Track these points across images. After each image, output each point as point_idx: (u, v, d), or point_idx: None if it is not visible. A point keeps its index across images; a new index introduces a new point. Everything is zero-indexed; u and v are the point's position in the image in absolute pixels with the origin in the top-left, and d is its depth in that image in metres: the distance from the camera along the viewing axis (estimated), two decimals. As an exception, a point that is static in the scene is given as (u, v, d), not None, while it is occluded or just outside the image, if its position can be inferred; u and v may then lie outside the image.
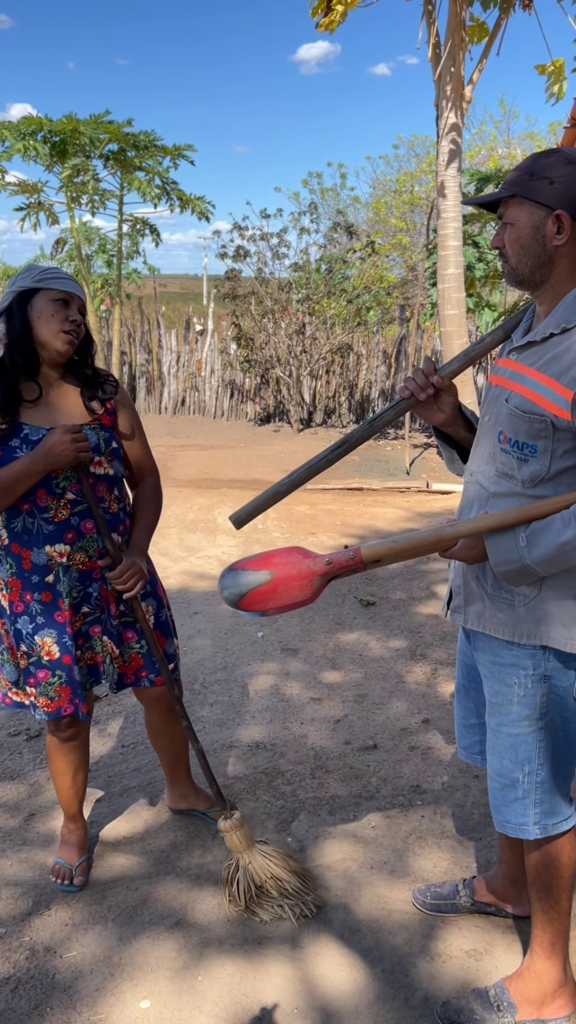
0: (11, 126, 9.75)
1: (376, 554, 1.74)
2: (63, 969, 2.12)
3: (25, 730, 3.26)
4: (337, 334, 11.03)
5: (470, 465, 1.87)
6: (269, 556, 1.80)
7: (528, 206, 1.65)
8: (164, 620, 2.40)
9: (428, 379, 1.86)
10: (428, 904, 2.28)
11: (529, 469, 1.69)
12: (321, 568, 1.75)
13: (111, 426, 2.23)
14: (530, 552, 1.63)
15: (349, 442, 1.95)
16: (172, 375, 12.14)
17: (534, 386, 1.67)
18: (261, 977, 2.09)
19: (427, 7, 7.27)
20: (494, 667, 1.83)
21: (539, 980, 1.95)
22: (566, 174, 1.61)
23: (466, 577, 1.85)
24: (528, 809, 1.85)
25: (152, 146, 10.25)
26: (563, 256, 1.66)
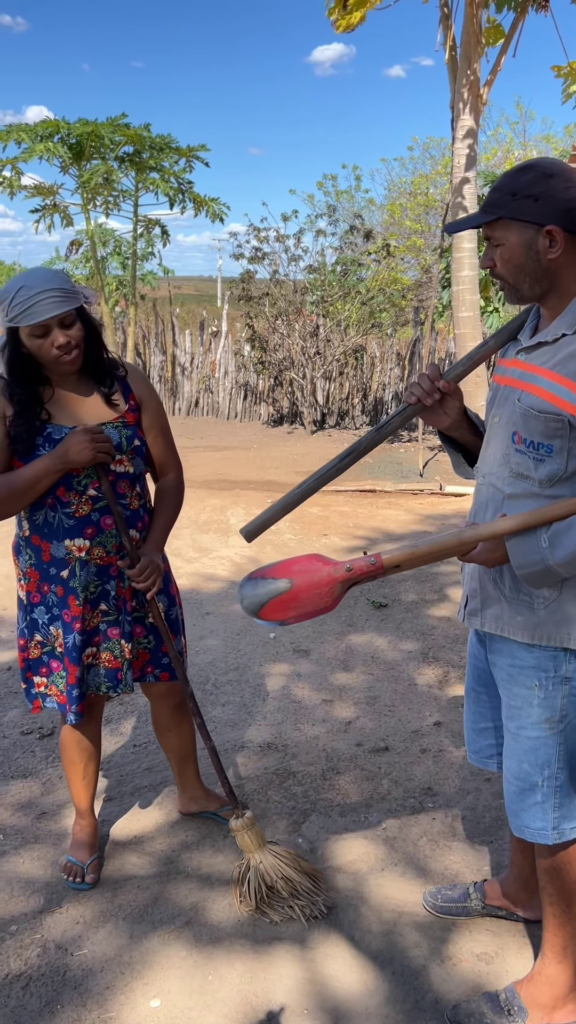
0: (29, 128, 9.82)
1: (396, 559, 1.73)
2: (74, 967, 2.13)
3: (38, 728, 3.27)
4: (351, 336, 11.03)
5: (481, 467, 1.86)
6: (288, 564, 1.79)
7: (516, 226, 1.64)
8: (174, 618, 2.41)
9: (434, 384, 1.85)
10: (439, 907, 2.27)
11: (546, 469, 1.69)
12: (342, 575, 1.74)
13: (135, 423, 2.23)
14: (553, 553, 1.61)
15: (357, 450, 1.94)
16: (186, 377, 12.17)
17: (548, 386, 1.66)
18: (271, 977, 2.10)
19: (443, 10, 7.27)
20: (513, 670, 1.82)
21: (550, 985, 1.94)
22: (548, 188, 1.61)
23: (483, 580, 1.84)
24: (547, 814, 1.83)
25: (167, 148, 10.29)
26: (561, 266, 1.66)
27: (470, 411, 1.96)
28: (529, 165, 1.66)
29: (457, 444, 2.01)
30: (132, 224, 11.26)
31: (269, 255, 11.07)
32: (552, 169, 1.63)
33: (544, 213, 1.61)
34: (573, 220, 1.61)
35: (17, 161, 9.89)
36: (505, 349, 1.89)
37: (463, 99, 7.20)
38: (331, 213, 11.32)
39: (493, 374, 1.90)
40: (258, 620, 1.79)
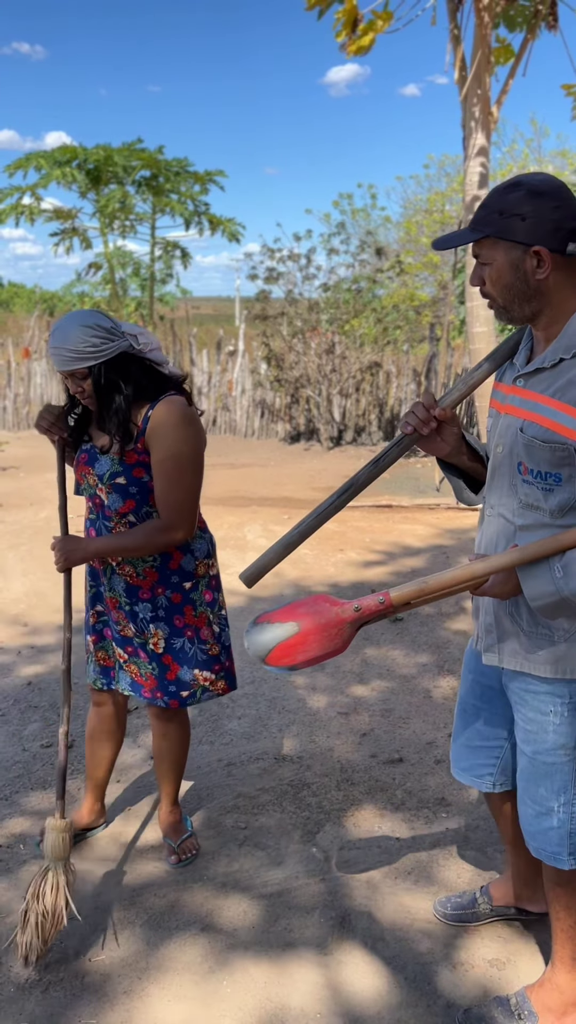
0: (47, 155, 10.03)
1: (405, 596, 1.68)
2: (92, 972, 2.18)
3: (57, 741, 3.33)
4: (367, 353, 11.11)
5: (489, 498, 1.82)
6: (295, 607, 1.74)
7: (503, 245, 1.61)
8: (180, 648, 2.42)
9: (429, 412, 1.80)
10: (449, 915, 2.29)
11: (556, 499, 1.66)
12: (350, 615, 1.69)
13: (133, 463, 2.29)
14: (567, 583, 1.57)
15: (355, 485, 1.90)
16: (203, 395, 12.29)
17: (551, 414, 1.63)
18: (285, 983, 2.13)
19: (453, 31, 7.38)
20: (527, 695, 1.80)
21: (560, 991, 1.96)
22: (536, 208, 1.57)
23: (498, 615, 1.80)
24: (564, 840, 1.82)
25: (184, 172, 10.47)
26: (550, 287, 1.63)
27: (468, 436, 1.92)
28: (518, 182, 1.62)
29: (458, 470, 1.97)
30: (149, 246, 11.44)
31: (283, 275, 11.20)
32: (541, 187, 1.59)
33: (532, 233, 1.58)
34: (562, 240, 1.58)
35: (36, 188, 10.11)
36: (501, 372, 1.85)
37: (474, 118, 7.29)
38: (342, 230, 11.45)
39: (492, 398, 1.86)
40: (267, 666, 1.74)
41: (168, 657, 2.42)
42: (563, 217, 1.58)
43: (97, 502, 2.36)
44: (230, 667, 2.54)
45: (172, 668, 2.42)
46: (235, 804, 2.89)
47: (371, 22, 7.05)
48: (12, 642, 4.36)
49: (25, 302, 31.51)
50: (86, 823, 2.72)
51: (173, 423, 2.25)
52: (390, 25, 7.06)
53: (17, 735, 3.40)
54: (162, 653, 2.41)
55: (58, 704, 3.63)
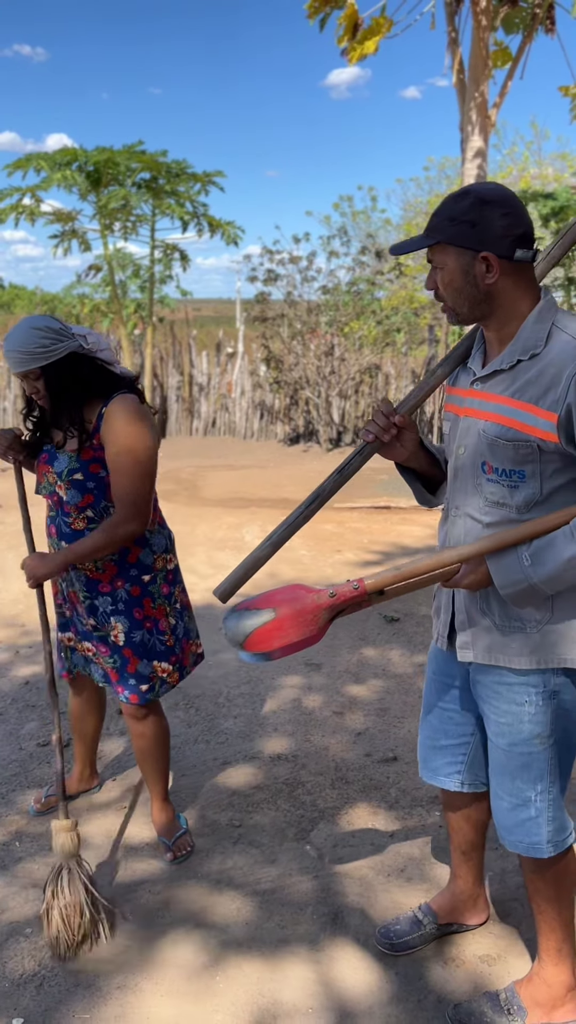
0: (48, 157, 10.06)
1: (379, 583, 1.73)
2: (86, 968, 2.19)
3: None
4: (366, 355, 11.14)
5: (453, 499, 1.86)
6: (271, 595, 1.78)
7: (454, 250, 1.67)
8: (139, 641, 2.48)
9: (389, 420, 1.85)
10: (396, 945, 2.20)
11: (522, 494, 1.71)
12: (326, 601, 1.73)
13: (89, 459, 2.37)
14: (536, 571, 1.64)
15: (322, 495, 1.93)
16: (203, 397, 12.32)
17: (512, 413, 1.68)
18: (278, 978, 2.15)
19: (451, 35, 7.41)
20: (502, 687, 1.82)
21: (548, 985, 1.98)
22: (484, 215, 1.63)
23: (470, 612, 1.84)
24: (541, 828, 1.85)
25: (183, 174, 10.50)
26: (499, 291, 1.69)
27: (426, 440, 1.98)
28: (467, 191, 1.68)
29: (415, 473, 2.02)
30: (149, 248, 11.47)
31: (283, 277, 11.23)
32: (489, 196, 1.65)
33: (480, 239, 1.64)
34: (509, 247, 1.64)
35: (37, 189, 10.13)
36: (454, 377, 1.90)
37: (471, 121, 7.32)
38: (343, 234, 11.48)
39: (447, 404, 1.92)
40: (243, 654, 1.77)
41: (128, 650, 2.48)
42: (510, 224, 1.64)
43: (56, 499, 2.44)
44: (183, 659, 2.61)
45: (132, 661, 2.49)
46: (230, 802, 2.91)
47: (372, 27, 7.08)
48: (10, 642, 4.38)
49: (26, 304, 31.55)
50: (77, 788, 2.94)
51: (126, 419, 2.32)
52: (390, 30, 7.09)
53: (14, 734, 3.42)
54: (123, 646, 2.48)
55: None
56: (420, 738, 2.14)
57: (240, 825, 2.78)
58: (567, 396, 1.60)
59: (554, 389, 1.62)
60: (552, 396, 1.63)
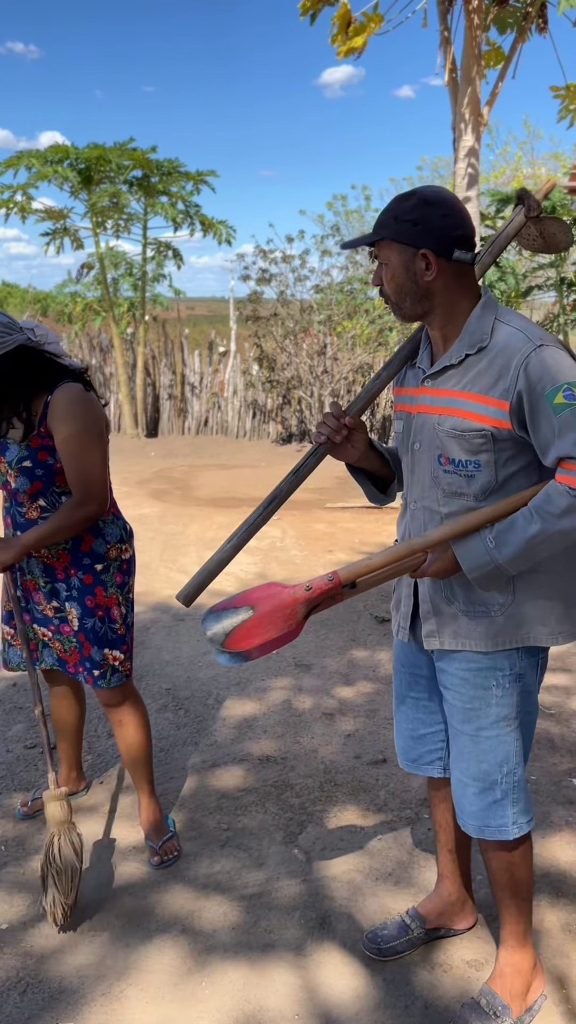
0: (38, 154, 10.01)
1: (353, 574, 1.77)
2: (70, 974, 2.17)
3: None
4: (358, 354, 11.12)
5: (411, 494, 1.93)
6: (247, 594, 1.80)
7: (397, 247, 1.75)
8: (91, 628, 2.51)
9: (340, 421, 1.91)
10: (384, 950, 2.19)
11: (478, 483, 1.78)
12: (302, 595, 1.75)
13: (38, 447, 2.41)
14: (500, 552, 1.72)
15: (279, 495, 1.98)
16: (195, 396, 12.29)
17: (465, 405, 1.76)
18: (264, 984, 2.13)
19: (443, 33, 7.39)
20: (469, 673, 1.87)
21: (520, 973, 2.01)
22: (425, 215, 1.72)
23: (435, 601, 1.89)
24: (506, 810, 1.90)
25: (175, 172, 10.46)
26: (439, 288, 1.77)
27: (375, 441, 2.05)
28: (412, 192, 1.76)
29: (365, 474, 2.09)
30: (141, 246, 11.43)
31: (276, 276, 11.20)
32: (432, 197, 1.74)
33: (420, 237, 1.72)
34: (448, 246, 1.73)
35: (27, 187, 10.08)
36: (402, 378, 1.98)
37: (464, 119, 7.31)
38: (336, 233, 11.45)
39: (397, 404, 1.99)
40: (221, 656, 1.76)
41: (82, 635, 2.52)
42: (449, 225, 1.73)
43: (9, 488, 2.49)
44: (131, 649, 2.64)
45: (85, 646, 2.53)
46: (218, 805, 2.89)
47: (362, 24, 7.07)
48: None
49: (19, 302, 31.41)
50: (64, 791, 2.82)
51: (69, 404, 2.39)
52: (380, 27, 7.08)
53: (1, 736, 3.39)
54: (76, 631, 2.53)
55: (42, 705, 3.62)
56: (397, 730, 2.18)
57: (228, 828, 2.76)
58: (517, 383, 1.69)
59: (504, 378, 1.71)
60: (503, 385, 1.71)
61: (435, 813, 2.22)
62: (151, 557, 5.75)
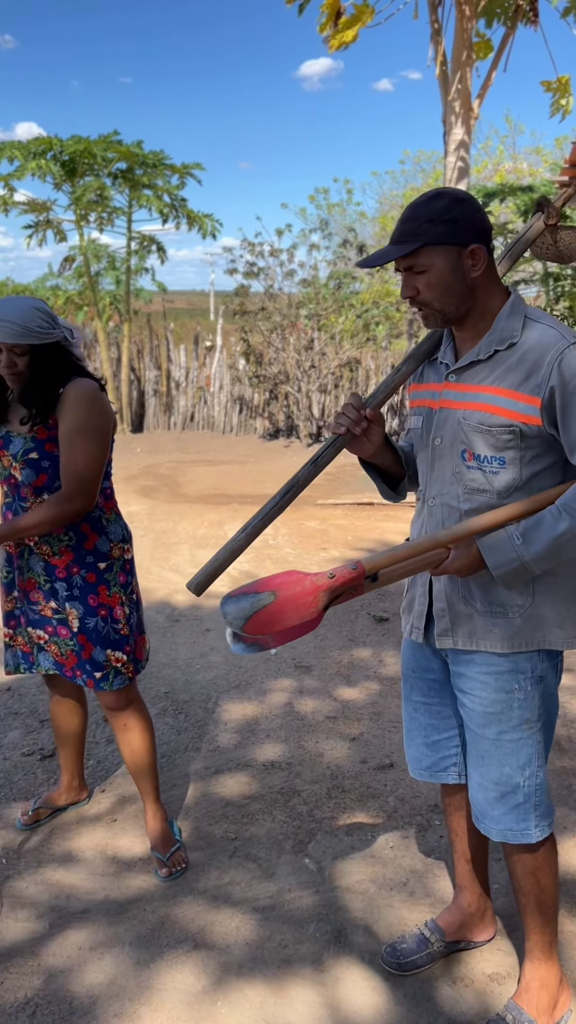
0: (21, 146, 9.86)
1: (376, 565, 1.73)
2: (81, 994, 2.10)
3: (39, 750, 3.24)
4: (346, 349, 11.06)
5: (430, 490, 1.90)
6: (269, 579, 1.75)
7: (440, 249, 1.71)
8: (93, 628, 2.47)
9: (360, 413, 1.89)
10: (403, 964, 2.13)
11: (502, 480, 1.75)
12: (324, 583, 1.70)
13: (44, 439, 2.38)
14: (528, 549, 1.68)
15: (296, 484, 1.95)
16: (181, 391, 12.18)
17: (494, 400, 1.73)
18: (282, 1002, 2.07)
19: (434, 26, 7.33)
20: (489, 677, 1.84)
21: (546, 987, 1.96)
22: (464, 211, 1.70)
23: (451, 600, 1.86)
24: (529, 813, 1.87)
25: (160, 165, 10.34)
26: (480, 284, 1.76)
27: (389, 437, 2.02)
28: (440, 193, 1.73)
29: (378, 470, 2.06)
30: (126, 240, 11.30)
31: (264, 270, 11.11)
32: (462, 195, 1.73)
33: (466, 234, 1.70)
34: (487, 239, 1.73)
35: (10, 179, 9.92)
36: (420, 374, 1.96)
37: (454, 112, 7.26)
38: (324, 227, 11.38)
39: (416, 400, 1.96)
40: (237, 645, 1.72)
41: (83, 636, 2.47)
42: (483, 219, 1.74)
43: (13, 482, 2.44)
44: (137, 652, 2.57)
45: (87, 648, 2.47)
46: (224, 813, 2.82)
47: (354, 16, 6.99)
48: (-10, 646, 4.26)
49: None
50: (66, 800, 2.84)
51: (80, 398, 2.37)
52: (372, 19, 7.01)
53: (-3, 743, 3.31)
54: (77, 632, 2.47)
55: (39, 711, 3.54)
56: (408, 738, 2.13)
57: (235, 837, 2.70)
58: (550, 379, 1.67)
59: (535, 374, 1.69)
60: (534, 380, 1.69)
61: (450, 821, 2.18)
62: (142, 556, 5.66)
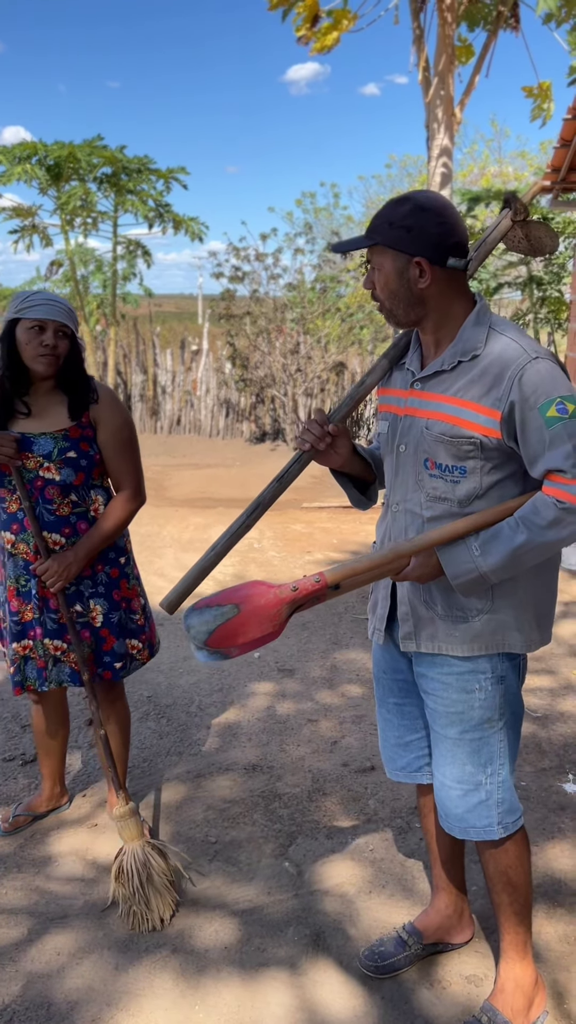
0: (6, 151, 9.85)
1: (338, 576, 1.75)
2: (59, 1000, 2.10)
3: (20, 755, 3.23)
4: (331, 353, 11.09)
5: (393, 496, 1.92)
6: (233, 591, 1.78)
7: (391, 253, 1.73)
8: (116, 621, 2.53)
9: (324, 429, 1.91)
10: (381, 967, 2.13)
11: (463, 489, 1.77)
12: (287, 595, 1.74)
13: (77, 438, 2.40)
14: (485, 560, 1.71)
15: (262, 503, 1.98)
16: (168, 395, 12.17)
17: (455, 411, 1.74)
18: (259, 1006, 2.07)
19: (416, 31, 7.37)
20: (450, 677, 1.86)
21: (521, 988, 1.97)
22: (420, 221, 1.70)
23: (413, 604, 1.88)
24: (491, 811, 1.90)
25: (145, 170, 10.35)
26: (432, 295, 1.75)
27: (359, 446, 2.05)
28: (407, 197, 1.74)
29: (349, 478, 2.08)
30: (112, 244, 11.30)
31: (249, 274, 11.13)
32: (427, 204, 1.71)
33: (415, 245, 1.70)
34: (443, 254, 1.71)
35: (-5, 183, 9.91)
36: (388, 379, 1.97)
37: (437, 119, 7.29)
38: (308, 231, 11.41)
39: (383, 404, 1.97)
40: (200, 652, 1.74)
41: (105, 630, 2.52)
42: (444, 232, 1.71)
43: (39, 484, 2.40)
44: (151, 637, 2.67)
45: (108, 640, 2.52)
46: (205, 817, 2.82)
47: (335, 20, 7.02)
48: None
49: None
50: (47, 807, 2.85)
51: (116, 399, 2.49)
52: (354, 25, 7.04)
53: (-22, 749, 3.29)
54: (100, 627, 2.51)
55: (20, 715, 3.53)
56: (383, 739, 2.15)
57: (216, 841, 2.70)
58: (510, 394, 1.68)
59: (497, 388, 1.70)
60: (495, 394, 1.70)
61: (426, 822, 2.19)
62: (127, 560, 5.65)
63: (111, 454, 2.44)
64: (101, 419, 2.42)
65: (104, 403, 2.44)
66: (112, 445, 2.43)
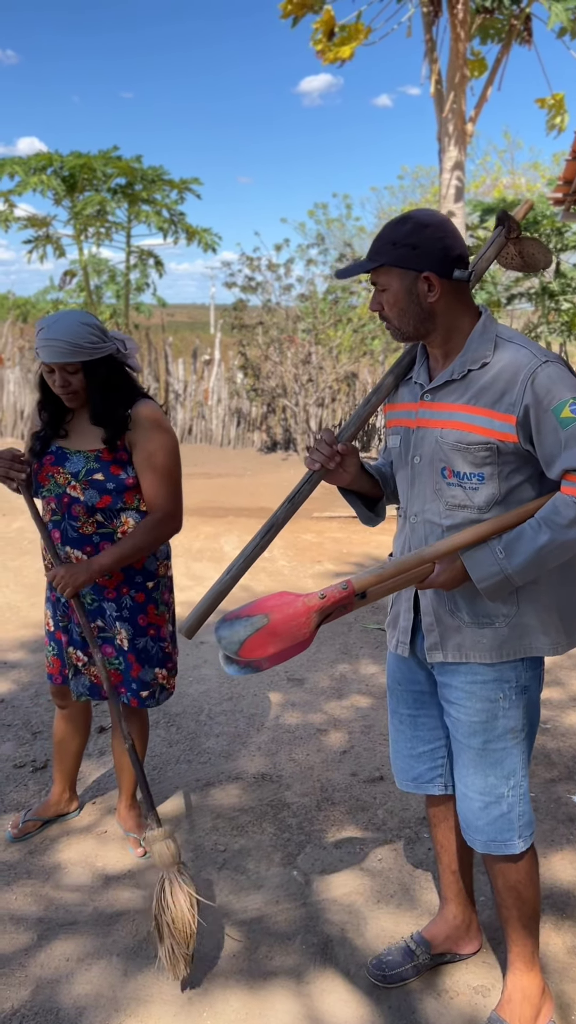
0: (22, 162, 9.95)
1: (365, 583, 1.77)
2: (67, 1005, 2.11)
3: (31, 762, 3.25)
4: (343, 363, 11.11)
5: (411, 508, 1.94)
6: (261, 602, 1.79)
7: (397, 272, 1.78)
8: (142, 648, 2.51)
9: (332, 448, 1.94)
10: (389, 977, 2.13)
11: (482, 495, 1.80)
12: (316, 603, 1.75)
13: (110, 460, 2.38)
14: (510, 562, 1.73)
15: (275, 524, 2.00)
16: (179, 404, 12.23)
17: (469, 419, 1.78)
18: (267, 1014, 2.08)
19: (428, 44, 7.41)
20: (475, 686, 1.87)
21: (529, 999, 1.97)
22: (425, 238, 1.75)
23: (438, 613, 1.89)
24: (513, 823, 1.90)
25: (159, 180, 10.44)
26: (441, 308, 1.80)
27: (366, 463, 2.09)
28: (407, 217, 1.79)
29: (357, 495, 2.11)
30: (125, 254, 11.38)
31: (261, 284, 11.18)
32: (428, 220, 1.78)
33: (421, 261, 1.75)
34: (448, 266, 1.76)
35: (11, 194, 10.01)
36: (395, 396, 2.01)
37: (448, 132, 7.33)
38: (320, 242, 11.46)
39: (392, 420, 2.00)
40: (231, 667, 1.75)
41: (132, 656, 2.50)
42: (448, 246, 1.77)
43: (66, 500, 2.41)
44: (176, 665, 2.67)
45: (134, 667, 2.51)
46: (214, 825, 2.84)
47: (350, 33, 7.08)
48: (-16, 658, 4.27)
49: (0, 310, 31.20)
50: (55, 811, 2.84)
51: (157, 420, 2.41)
52: (367, 37, 7.09)
53: (-11, 755, 3.32)
54: (127, 651, 2.50)
55: (31, 722, 3.56)
56: (394, 751, 2.16)
57: (225, 849, 2.71)
58: (524, 397, 1.72)
59: (510, 392, 1.74)
60: (508, 399, 1.74)
61: (435, 833, 2.19)
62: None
63: (147, 475, 2.39)
64: (136, 443, 2.38)
65: (139, 428, 2.37)
66: (148, 467, 2.39)
